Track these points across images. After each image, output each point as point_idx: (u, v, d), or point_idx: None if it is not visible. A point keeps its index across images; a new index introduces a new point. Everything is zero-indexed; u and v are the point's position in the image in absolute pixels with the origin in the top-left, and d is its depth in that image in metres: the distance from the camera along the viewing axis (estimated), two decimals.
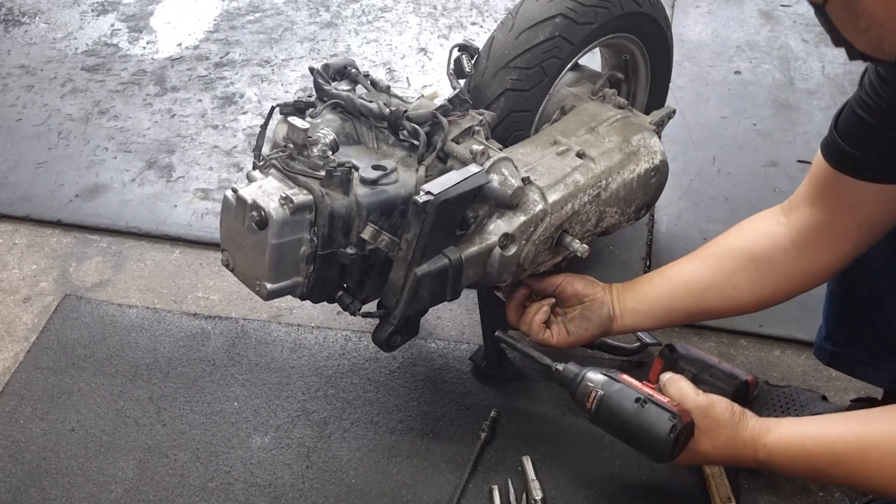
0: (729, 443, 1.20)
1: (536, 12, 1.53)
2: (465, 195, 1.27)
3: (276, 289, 1.28)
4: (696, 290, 1.39)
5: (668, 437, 1.18)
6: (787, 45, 2.49)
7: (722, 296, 1.37)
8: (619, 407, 1.24)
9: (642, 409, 1.21)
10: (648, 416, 1.21)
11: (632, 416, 1.22)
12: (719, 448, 1.21)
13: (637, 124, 1.57)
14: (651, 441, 1.21)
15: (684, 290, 1.40)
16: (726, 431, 1.20)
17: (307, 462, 1.55)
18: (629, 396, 1.24)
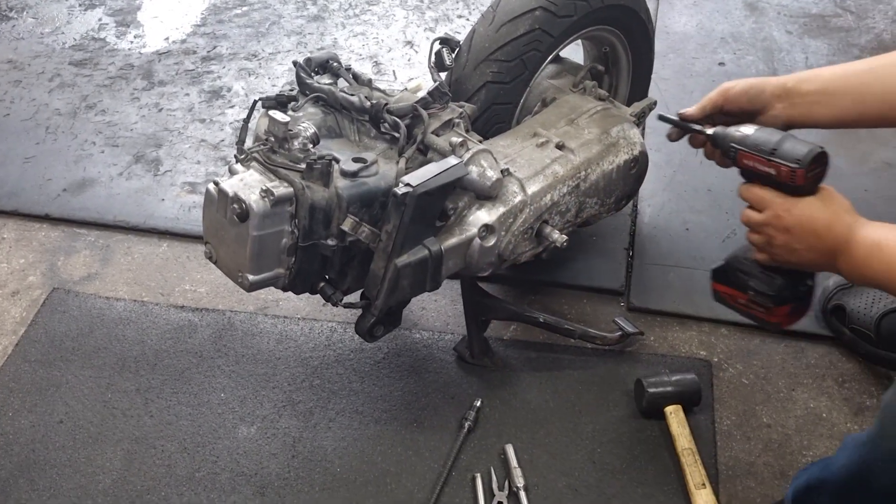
0: (837, 207, 1.24)
1: (516, 5, 1.54)
2: (443, 187, 1.29)
3: (257, 280, 1.30)
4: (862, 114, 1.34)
5: (813, 148, 1.25)
6: (772, 37, 2.51)
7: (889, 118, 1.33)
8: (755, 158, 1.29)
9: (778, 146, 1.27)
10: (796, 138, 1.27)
11: (783, 135, 1.28)
12: (826, 208, 1.24)
13: (617, 116, 1.59)
14: (797, 149, 1.25)
15: (876, 101, 1.33)
16: (841, 202, 1.25)
17: (293, 451, 1.57)
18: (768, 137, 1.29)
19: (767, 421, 1.60)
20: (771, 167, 1.27)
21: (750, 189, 1.32)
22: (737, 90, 1.40)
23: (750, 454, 1.54)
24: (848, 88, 1.34)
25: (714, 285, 1.45)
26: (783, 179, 1.27)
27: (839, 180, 2.02)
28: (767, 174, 1.29)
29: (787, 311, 1.38)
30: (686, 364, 1.68)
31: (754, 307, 1.39)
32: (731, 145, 1.32)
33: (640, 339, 1.73)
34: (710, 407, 1.61)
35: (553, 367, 1.69)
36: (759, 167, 1.29)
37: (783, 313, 1.38)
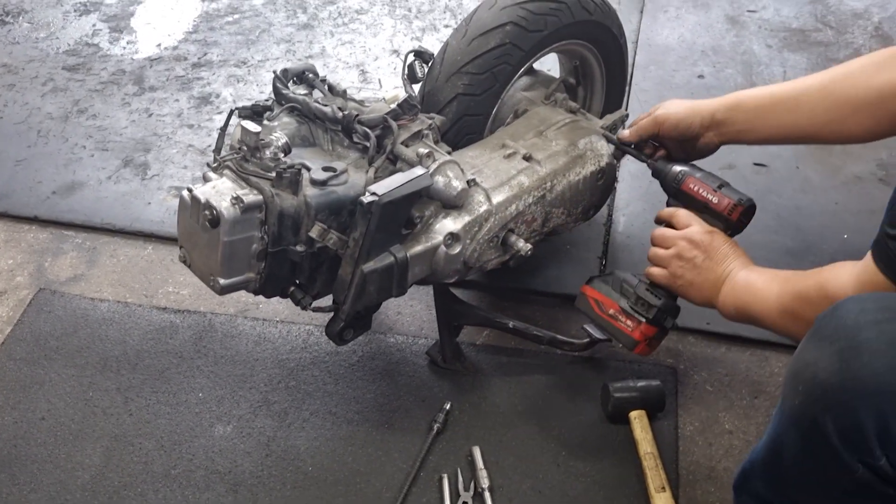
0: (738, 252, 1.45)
1: (488, 20, 1.59)
2: (409, 196, 1.33)
3: (228, 284, 1.34)
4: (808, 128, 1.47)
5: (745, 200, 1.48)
6: (751, 50, 2.55)
7: (829, 133, 1.47)
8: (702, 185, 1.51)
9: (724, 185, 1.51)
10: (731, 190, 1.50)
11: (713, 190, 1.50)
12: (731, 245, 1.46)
13: (585, 128, 1.64)
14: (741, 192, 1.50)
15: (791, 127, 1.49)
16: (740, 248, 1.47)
17: (267, 450, 1.61)
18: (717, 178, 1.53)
19: (729, 427, 1.64)
20: (715, 196, 1.49)
21: (678, 210, 1.52)
22: (669, 125, 1.56)
23: (711, 459, 1.59)
24: (771, 118, 1.49)
25: (586, 290, 1.60)
26: (720, 210, 1.48)
27: (810, 194, 2.08)
28: (707, 201, 1.50)
29: (650, 334, 1.54)
30: (652, 371, 1.73)
31: (622, 319, 1.54)
32: (679, 171, 1.54)
33: (608, 346, 1.77)
34: (674, 413, 1.65)
35: (523, 372, 1.73)
36: (704, 193, 1.50)
37: (648, 333, 1.54)
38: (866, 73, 1.39)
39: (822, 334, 1.06)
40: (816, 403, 1.04)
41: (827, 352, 1.03)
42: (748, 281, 1.40)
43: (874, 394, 0.98)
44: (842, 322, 1.04)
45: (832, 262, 1.83)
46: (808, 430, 1.07)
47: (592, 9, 1.68)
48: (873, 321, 1.01)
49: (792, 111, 1.46)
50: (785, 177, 2.14)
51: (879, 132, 1.41)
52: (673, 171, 1.54)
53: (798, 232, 1.99)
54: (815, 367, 1.04)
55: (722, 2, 2.77)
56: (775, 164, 2.17)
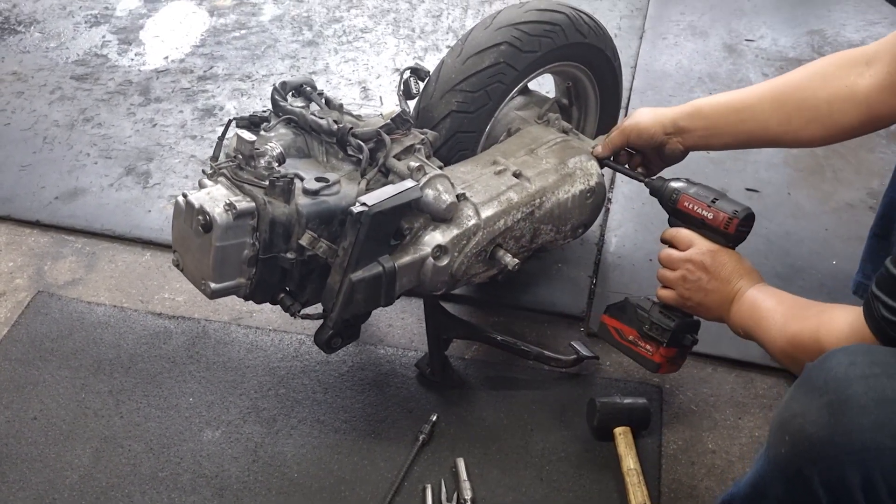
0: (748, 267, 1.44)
1: (483, 39, 1.63)
2: (398, 208, 1.36)
3: (219, 288, 1.37)
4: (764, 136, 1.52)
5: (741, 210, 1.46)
6: (747, 78, 2.59)
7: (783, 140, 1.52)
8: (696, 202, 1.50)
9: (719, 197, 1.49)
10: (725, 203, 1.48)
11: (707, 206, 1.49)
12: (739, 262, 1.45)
13: (576, 148, 1.67)
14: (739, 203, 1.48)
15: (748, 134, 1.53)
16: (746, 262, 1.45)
17: (254, 456, 1.63)
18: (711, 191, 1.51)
19: (713, 447, 1.65)
20: (710, 212, 1.48)
21: (679, 230, 1.52)
22: (635, 134, 1.63)
23: (693, 478, 1.60)
24: (729, 126, 1.55)
25: (605, 319, 1.63)
26: (717, 225, 1.47)
27: (801, 220, 2.11)
28: (703, 218, 1.49)
29: (671, 355, 1.57)
30: (638, 389, 1.74)
31: (641, 345, 1.57)
32: (673, 189, 1.53)
33: (595, 363, 1.79)
34: (658, 431, 1.67)
35: (510, 386, 1.75)
36: (699, 210, 1.49)
37: (668, 355, 1.56)
38: (814, 85, 1.44)
39: (811, 385, 1.06)
40: (803, 455, 1.04)
41: (815, 404, 1.03)
42: (754, 305, 1.39)
43: (861, 450, 0.99)
44: (831, 374, 1.04)
45: (820, 287, 1.87)
46: (793, 479, 1.07)
47: (586, 31, 1.72)
48: (862, 375, 1.01)
49: (747, 120, 1.52)
50: (776, 202, 2.17)
51: (831, 139, 1.48)
52: (668, 189, 1.54)
53: (787, 257, 2.01)
54: (802, 419, 1.04)
55: (720, 30, 2.81)
56: (767, 190, 2.20)
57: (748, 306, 1.40)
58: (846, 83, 1.40)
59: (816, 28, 2.83)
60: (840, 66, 1.42)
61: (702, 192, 1.51)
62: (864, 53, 1.41)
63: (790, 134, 1.48)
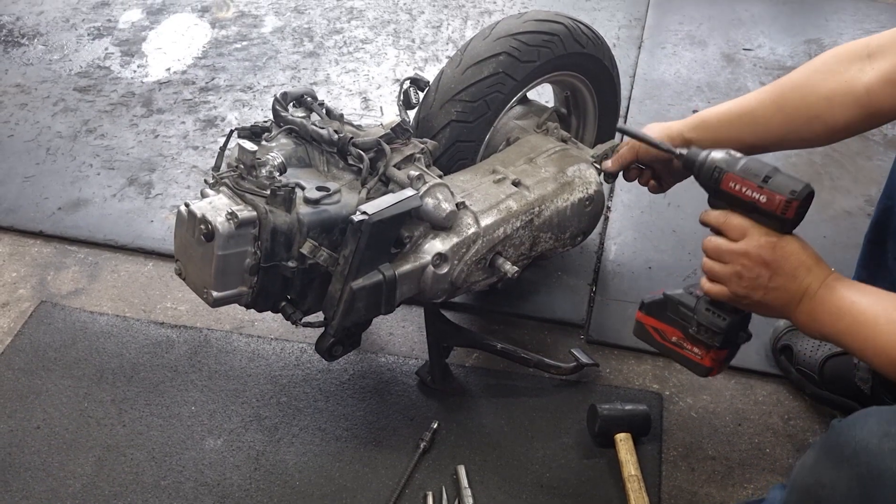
0: (815, 256, 1.24)
1: (482, 49, 1.65)
2: (398, 216, 1.38)
3: (221, 297, 1.38)
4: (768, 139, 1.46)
5: (807, 184, 1.23)
6: (745, 87, 2.61)
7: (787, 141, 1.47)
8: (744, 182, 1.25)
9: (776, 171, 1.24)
10: (784, 175, 1.24)
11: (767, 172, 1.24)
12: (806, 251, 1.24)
13: (575, 156, 1.68)
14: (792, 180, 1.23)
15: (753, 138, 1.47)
16: (814, 252, 1.25)
17: (256, 464, 1.64)
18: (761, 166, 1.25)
19: (712, 453, 1.66)
20: (763, 194, 1.22)
21: (728, 216, 1.27)
22: (643, 149, 1.57)
23: (693, 484, 1.61)
24: (733, 133, 1.48)
25: (642, 317, 1.43)
26: (773, 209, 1.22)
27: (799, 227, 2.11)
28: (754, 201, 1.23)
29: (723, 357, 1.38)
30: (638, 396, 1.75)
31: (688, 347, 1.38)
32: (715, 167, 1.27)
33: (595, 370, 1.80)
34: (658, 438, 1.67)
35: (510, 394, 1.76)
36: (748, 192, 1.24)
37: (720, 357, 1.38)
38: (812, 83, 1.39)
39: (839, 453, 1.00)
40: None
41: (846, 475, 0.97)
42: (841, 305, 1.19)
43: None
44: (862, 445, 0.97)
45: None
46: None
47: (584, 42, 1.74)
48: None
49: (751, 125, 1.47)
50: None
51: (833, 136, 1.42)
52: (708, 164, 1.29)
53: None
54: (832, 491, 0.99)
55: (718, 40, 2.83)
56: None
57: (832, 306, 1.20)
58: (846, 78, 1.34)
59: (814, 37, 2.85)
60: (840, 60, 1.37)
61: (752, 167, 1.25)
62: (865, 46, 1.35)
63: (793, 134, 1.43)
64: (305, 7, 3.05)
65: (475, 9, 3.02)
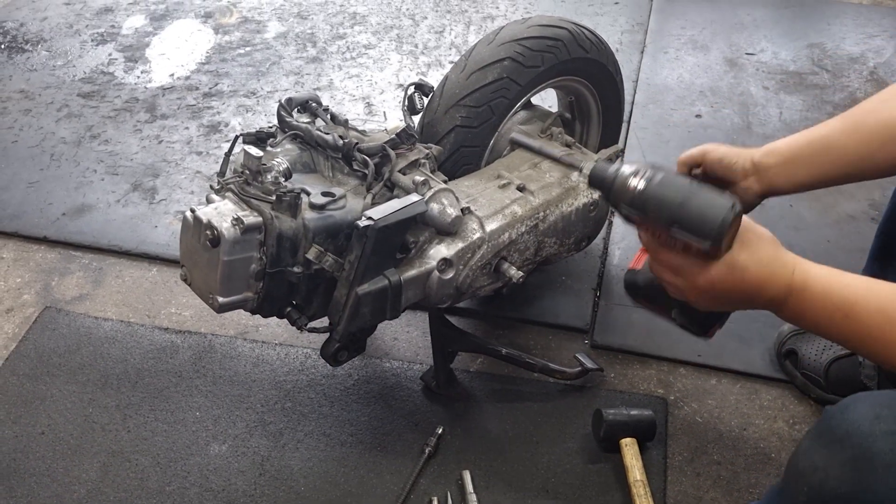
0: (769, 259, 1.11)
1: (487, 55, 1.65)
2: (403, 222, 1.38)
3: (227, 302, 1.38)
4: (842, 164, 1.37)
5: (726, 215, 1.04)
6: (748, 92, 2.61)
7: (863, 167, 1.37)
8: (671, 184, 1.08)
9: (699, 188, 1.08)
10: (704, 195, 1.07)
11: (686, 194, 1.07)
12: (757, 263, 1.11)
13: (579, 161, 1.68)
14: (704, 221, 1.06)
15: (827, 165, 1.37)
16: (768, 247, 1.12)
17: (261, 470, 1.64)
18: (680, 181, 1.09)
19: (718, 458, 1.66)
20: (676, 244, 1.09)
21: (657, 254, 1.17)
22: (713, 156, 1.42)
23: (699, 489, 1.60)
24: (803, 161, 1.39)
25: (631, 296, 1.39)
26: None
27: (803, 231, 2.12)
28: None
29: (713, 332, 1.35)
30: (643, 400, 1.75)
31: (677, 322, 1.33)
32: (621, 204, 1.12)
33: (600, 375, 1.80)
34: (663, 443, 1.67)
35: (515, 398, 1.76)
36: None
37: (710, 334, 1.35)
38: (889, 107, 1.35)
39: (832, 436, 1.01)
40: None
41: (838, 458, 0.99)
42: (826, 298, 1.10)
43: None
44: (854, 427, 0.99)
45: None
46: None
47: (588, 47, 1.74)
48: (889, 431, 0.97)
49: (822, 153, 1.38)
50: (778, 214, 2.18)
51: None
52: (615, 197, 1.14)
53: None
54: (824, 474, 1.00)
55: (721, 44, 2.83)
56: (769, 202, 2.16)
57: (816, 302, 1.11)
58: None
59: (816, 41, 2.85)
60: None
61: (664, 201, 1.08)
62: None
63: (868, 159, 1.36)
64: (308, 12, 3.06)
65: (478, 14, 3.02)
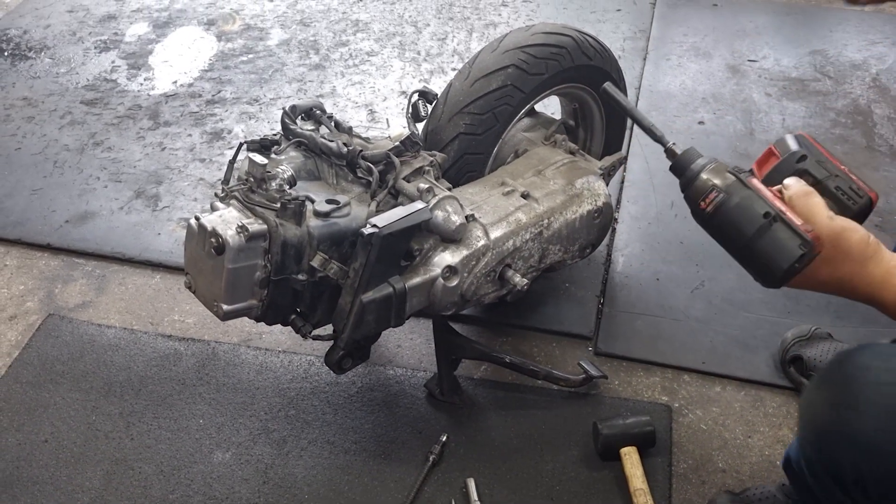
0: (851, 276, 1.06)
1: (491, 62, 1.65)
2: (408, 229, 1.38)
3: (231, 310, 1.38)
4: None
5: (791, 265, 1.01)
6: (751, 98, 2.61)
7: None
8: (743, 218, 1.04)
9: (770, 226, 1.02)
10: (775, 237, 1.02)
11: (755, 231, 1.03)
12: (837, 279, 1.07)
13: (583, 168, 1.68)
14: (770, 264, 1.03)
15: None
16: (852, 265, 1.05)
17: (264, 478, 1.63)
18: (758, 209, 1.03)
19: (723, 466, 1.65)
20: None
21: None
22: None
23: (703, 497, 1.60)
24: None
25: None
26: None
27: None
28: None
29: None
30: (647, 408, 1.75)
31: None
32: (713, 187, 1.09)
33: (604, 382, 1.79)
34: (667, 450, 1.67)
35: (519, 406, 1.76)
36: None
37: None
38: None
39: (829, 379, 1.09)
40: (811, 444, 1.13)
41: (827, 400, 1.07)
42: None
43: (857, 449, 1.04)
44: (847, 375, 1.06)
45: (828, 304, 1.84)
46: (807, 459, 1.19)
47: (592, 54, 1.74)
48: (874, 382, 1.03)
49: None
50: None
51: None
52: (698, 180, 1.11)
53: None
54: (813, 411, 1.10)
55: (723, 51, 2.83)
56: None
57: None
58: None
59: (818, 48, 2.85)
60: None
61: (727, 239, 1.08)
62: None
63: None
64: (311, 20, 3.06)
65: (480, 21, 3.03)
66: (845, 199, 1.13)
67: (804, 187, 1.09)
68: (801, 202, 1.07)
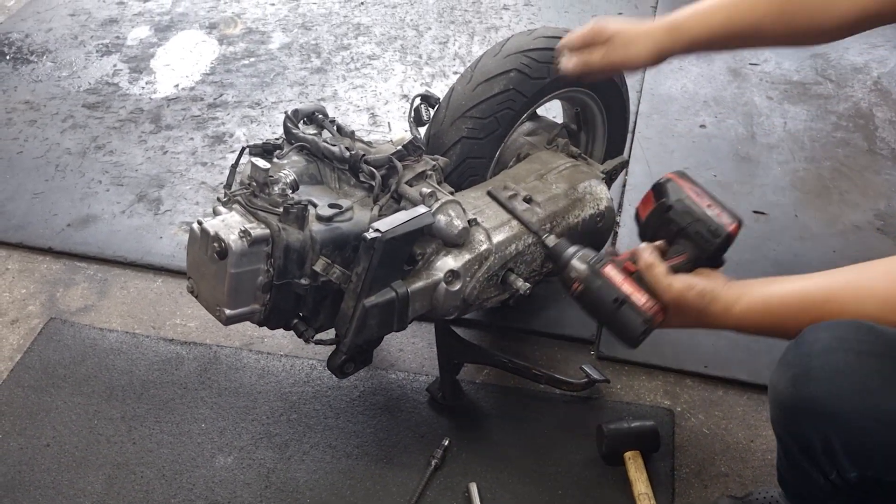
0: (698, 321, 1.28)
1: (493, 66, 1.65)
2: (411, 233, 1.38)
3: (234, 314, 1.38)
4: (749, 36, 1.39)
5: (638, 336, 1.31)
6: (752, 102, 2.61)
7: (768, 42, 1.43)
8: (599, 302, 1.32)
9: (618, 309, 1.29)
10: (623, 317, 1.30)
11: (608, 313, 1.31)
12: (691, 324, 1.30)
13: (586, 172, 1.68)
14: (623, 335, 1.32)
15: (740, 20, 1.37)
16: (696, 314, 1.27)
17: (266, 482, 1.63)
18: (608, 296, 1.30)
19: (725, 470, 1.65)
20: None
21: None
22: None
23: (706, 501, 1.60)
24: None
25: None
26: None
27: (808, 241, 2.12)
28: None
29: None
30: (650, 412, 1.74)
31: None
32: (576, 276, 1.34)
33: (606, 386, 1.79)
34: (670, 454, 1.67)
35: (521, 410, 1.76)
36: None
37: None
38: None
39: (786, 358, 1.15)
40: (779, 423, 1.19)
41: (786, 375, 1.13)
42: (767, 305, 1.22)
43: (818, 416, 1.10)
44: (801, 350, 1.13)
45: None
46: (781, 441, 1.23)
47: None
48: (823, 350, 1.10)
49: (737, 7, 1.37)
50: (784, 225, 2.18)
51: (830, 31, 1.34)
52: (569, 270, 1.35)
53: None
54: (775, 389, 1.15)
55: (724, 55, 2.83)
56: (774, 213, 2.21)
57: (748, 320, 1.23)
58: None
59: (820, 51, 2.85)
60: None
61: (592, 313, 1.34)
62: None
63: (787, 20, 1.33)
64: (312, 23, 3.06)
65: (482, 24, 3.03)
66: (703, 243, 1.34)
67: (648, 259, 1.30)
68: (648, 275, 1.29)
